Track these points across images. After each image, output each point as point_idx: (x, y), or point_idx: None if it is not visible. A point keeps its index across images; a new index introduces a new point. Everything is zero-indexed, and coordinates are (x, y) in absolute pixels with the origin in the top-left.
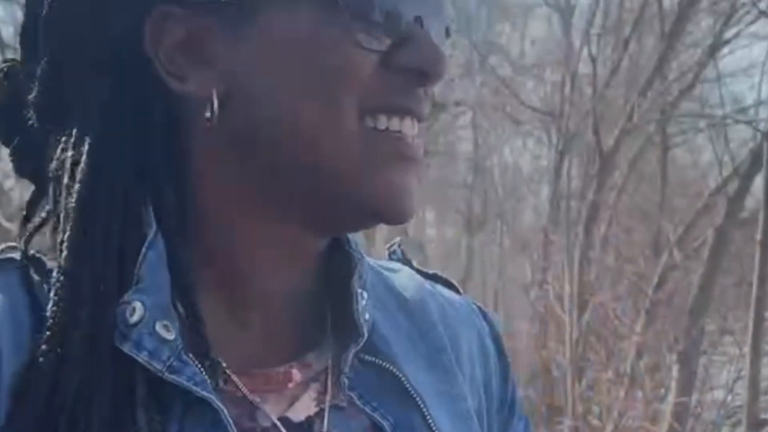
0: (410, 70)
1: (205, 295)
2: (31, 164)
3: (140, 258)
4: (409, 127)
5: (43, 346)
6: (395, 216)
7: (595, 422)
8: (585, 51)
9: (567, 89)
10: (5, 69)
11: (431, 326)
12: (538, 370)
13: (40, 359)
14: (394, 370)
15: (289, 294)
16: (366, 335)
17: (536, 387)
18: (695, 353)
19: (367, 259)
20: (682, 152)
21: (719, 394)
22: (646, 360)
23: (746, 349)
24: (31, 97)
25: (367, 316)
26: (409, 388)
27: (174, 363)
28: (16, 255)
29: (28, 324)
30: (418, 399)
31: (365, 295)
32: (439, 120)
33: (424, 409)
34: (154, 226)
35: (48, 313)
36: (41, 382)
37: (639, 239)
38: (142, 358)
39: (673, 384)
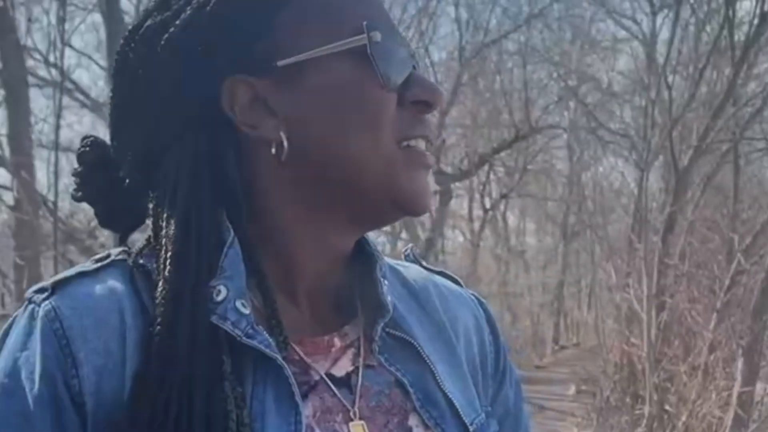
0: (417, 102)
1: (269, 283)
2: (115, 214)
3: (223, 255)
4: (423, 146)
5: (161, 314)
6: (421, 209)
7: (671, 410)
8: (665, 80)
9: (649, 114)
10: (91, 141)
11: (434, 310)
12: (623, 364)
13: (159, 326)
14: (412, 341)
15: (328, 283)
16: (391, 312)
17: (621, 379)
18: (758, 347)
19: (384, 258)
20: (751, 169)
21: None
22: (717, 354)
23: None
24: (128, 155)
25: (389, 299)
26: (423, 355)
27: (249, 331)
28: (126, 258)
29: (135, 301)
30: (429, 363)
31: (385, 282)
32: (536, 142)
33: (435, 371)
34: (232, 233)
35: (159, 293)
36: (159, 339)
37: (711, 248)
38: (226, 326)
39: (739, 376)
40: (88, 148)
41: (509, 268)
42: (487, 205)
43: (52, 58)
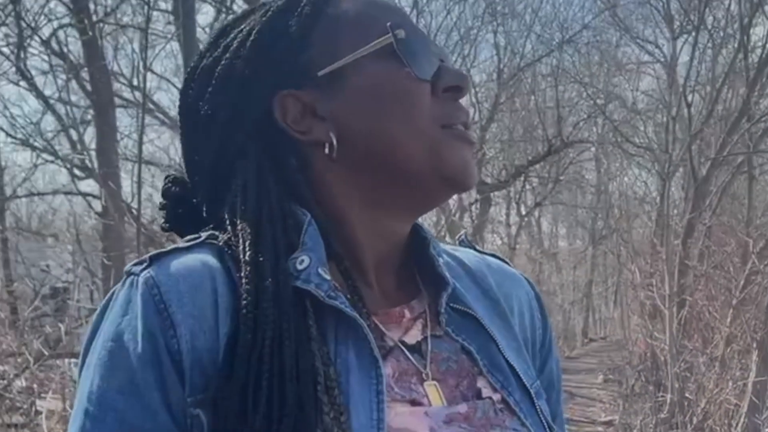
0: (449, 89)
1: (345, 262)
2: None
3: (303, 231)
4: (462, 128)
5: (246, 286)
6: (468, 181)
7: (691, 398)
8: (684, 98)
9: (670, 129)
10: (172, 178)
11: (489, 287)
12: (647, 356)
13: (247, 294)
14: (474, 314)
15: (391, 264)
16: (452, 284)
17: (645, 369)
18: None
19: (441, 243)
20: (764, 179)
21: None
22: (733, 347)
23: None
24: (202, 181)
25: (447, 274)
26: (486, 327)
27: (331, 293)
28: (216, 240)
29: (225, 276)
30: (492, 334)
31: (440, 258)
32: (568, 155)
33: (498, 341)
34: (309, 215)
35: (247, 266)
36: (247, 308)
37: (727, 250)
38: (310, 288)
39: (754, 367)
40: (170, 185)
41: (542, 269)
42: (523, 212)
43: (135, 82)
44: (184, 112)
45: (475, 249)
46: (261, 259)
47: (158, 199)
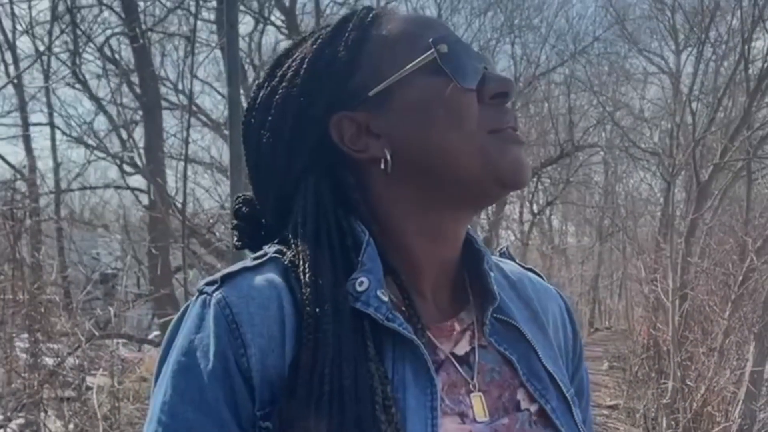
0: (495, 95)
1: (403, 278)
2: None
3: (362, 251)
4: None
5: (308, 308)
6: (521, 180)
7: (692, 385)
8: (688, 107)
9: (674, 136)
10: (242, 199)
11: (530, 300)
12: (650, 345)
13: (308, 317)
14: (516, 324)
15: (446, 275)
16: (499, 299)
17: (648, 358)
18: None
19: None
20: (763, 183)
21: None
22: (732, 339)
23: None
24: (268, 203)
25: (496, 288)
26: (527, 336)
27: (389, 315)
28: (281, 256)
29: (290, 295)
30: (532, 343)
31: (492, 274)
32: (578, 158)
33: (538, 350)
34: (367, 234)
35: (307, 287)
36: (308, 329)
37: (727, 248)
38: (370, 311)
39: (750, 357)
40: (240, 205)
41: (553, 263)
42: (535, 210)
43: (180, 86)
44: (248, 141)
45: (516, 262)
46: (320, 282)
47: (200, 193)
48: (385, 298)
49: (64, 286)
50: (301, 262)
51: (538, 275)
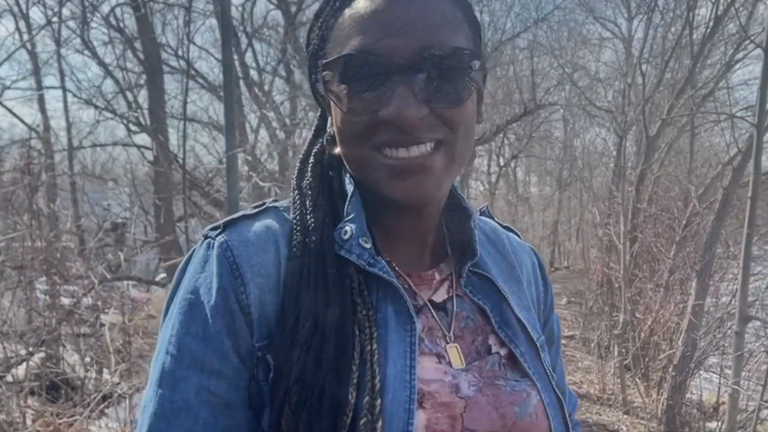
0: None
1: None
2: None
3: (347, 202)
4: (404, 153)
5: (296, 251)
6: (412, 207)
7: (640, 317)
8: (639, 69)
9: (626, 95)
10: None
11: (507, 254)
12: (604, 282)
13: (296, 259)
14: (490, 277)
15: (425, 232)
16: (479, 255)
17: (602, 293)
18: (708, 271)
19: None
20: (704, 137)
21: (725, 299)
22: (676, 276)
23: (739, 269)
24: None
25: (478, 246)
26: (500, 288)
27: (371, 261)
28: (278, 205)
29: (286, 239)
30: (505, 295)
31: (477, 233)
32: (540, 116)
33: (509, 301)
34: (353, 187)
35: (297, 232)
36: (298, 267)
37: (672, 195)
38: (353, 258)
39: (693, 292)
40: None
41: (517, 210)
42: (502, 163)
43: (180, 52)
44: None
45: (495, 220)
46: (310, 229)
47: (199, 149)
48: (368, 246)
49: (78, 234)
50: (293, 212)
51: (515, 233)
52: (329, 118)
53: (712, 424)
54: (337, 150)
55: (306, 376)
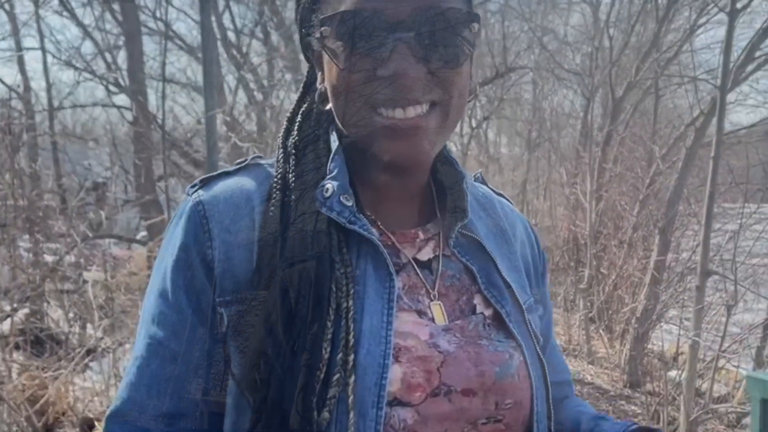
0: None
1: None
2: None
3: (330, 160)
4: (400, 114)
5: (274, 209)
6: (404, 167)
7: (605, 272)
8: (606, 33)
9: (593, 58)
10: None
11: (499, 218)
12: (570, 239)
13: (273, 210)
14: (479, 239)
15: (413, 191)
16: (467, 218)
17: (568, 249)
18: (670, 228)
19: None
20: (667, 99)
21: (685, 255)
22: (639, 233)
23: (701, 226)
24: None
25: (469, 209)
26: (488, 250)
27: (352, 218)
28: (260, 162)
29: (264, 196)
30: (492, 257)
31: (468, 194)
32: (510, 78)
33: (496, 263)
34: (337, 143)
35: (277, 189)
36: (274, 224)
37: (637, 156)
38: (333, 215)
39: (655, 248)
40: None
41: (488, 170)
42: (473, 125)
43: (158, 14)
44: None
45: (488, 186)
46: (291, 181)
47: (178, 110)
48: (349, 203)
49: (59, 193)
50: (275, 170)
51: (508, 200)
52: (318, 75)
53: (673, 373)
54: (328, 106)
55: (279, 332)
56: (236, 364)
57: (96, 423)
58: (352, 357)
